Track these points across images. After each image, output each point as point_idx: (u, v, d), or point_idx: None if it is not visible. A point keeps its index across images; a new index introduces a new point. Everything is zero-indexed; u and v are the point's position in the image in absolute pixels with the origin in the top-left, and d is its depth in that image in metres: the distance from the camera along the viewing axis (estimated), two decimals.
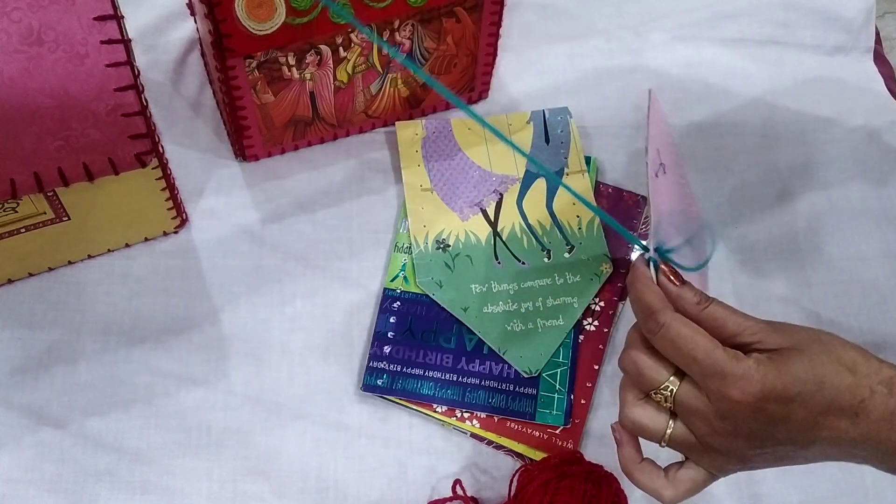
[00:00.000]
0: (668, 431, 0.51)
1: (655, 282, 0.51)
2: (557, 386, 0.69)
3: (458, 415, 0.69)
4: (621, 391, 0.53)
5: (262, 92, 0.72)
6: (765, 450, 0.49)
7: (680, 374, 0.50)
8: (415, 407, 0.69)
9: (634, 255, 0.53)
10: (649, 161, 0.56)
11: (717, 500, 0.67)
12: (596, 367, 0.71)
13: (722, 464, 0.51)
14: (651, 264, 0.52)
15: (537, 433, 0.68)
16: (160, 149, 0.67)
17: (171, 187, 0.70)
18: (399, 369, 0.69)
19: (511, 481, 0.65)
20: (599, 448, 0.69)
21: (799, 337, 0.49)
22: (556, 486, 0.61)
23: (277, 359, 0.71)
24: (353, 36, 0.70)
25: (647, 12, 0.89)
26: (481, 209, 0.76)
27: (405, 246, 0.75)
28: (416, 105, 0.81)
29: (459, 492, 0.65)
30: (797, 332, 0.50)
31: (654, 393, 0.50)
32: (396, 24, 0.71)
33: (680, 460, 0.53)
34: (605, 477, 0.63)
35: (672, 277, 0.51)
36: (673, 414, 0.51)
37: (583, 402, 0.69)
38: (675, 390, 0.50)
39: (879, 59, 0.90)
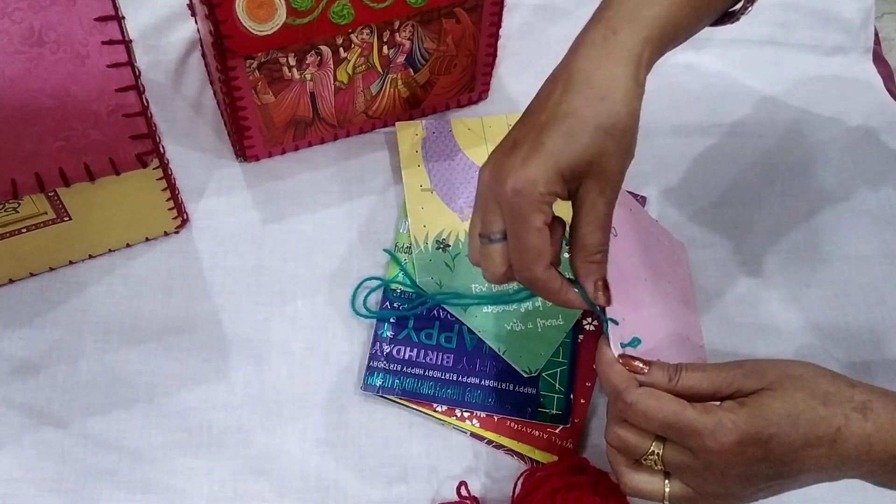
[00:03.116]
0: (667, 490, 0.53)
1: (616, 356, 0.55)
2: (557, 385, 0.70)
3: (458, 414, 0.69)
4: (613, 463, 0.56)
5: (263, 92, 0.72)
6: (758, 486, 0.52)
7: (662, 437, 0.53)
8: (415, 407, 0.69)
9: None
10: None
11: None
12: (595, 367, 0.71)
13: (725, 503, 0.54)
14: (605, 328, 0.55)
15: (537, 433, 0.68)
16: (161, 149, 0.67)
17: (171, 187, 0.70)
18: (399, 369, 0.70)
19: (515, 483, 0.65)
20: (599, 448, 0.69)
21: (771, 376, 0.52)
22: (563, 496, 0.61)
23: (277, 359, 0.71)
24: (353, 37, 0.70)
25: None
26: None
27: (405, 246, 0.75)
28: (416, 105, 0.81)
29: (464, 493, 0.65)
30: (769, 370, 0.52)
31: (644, 459, 0.53)
32: (396, 24, 0.71)
33: None
34: (612, 488, 0.62)
35: (638, 366, 0.54)
36: (667, 473, 0.54)
37: (582, 401, 0.69)
38: (661, 454, 0.53)
39: (878, 59, 0.90)
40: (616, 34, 0.52)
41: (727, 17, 0.61)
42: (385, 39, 0.72)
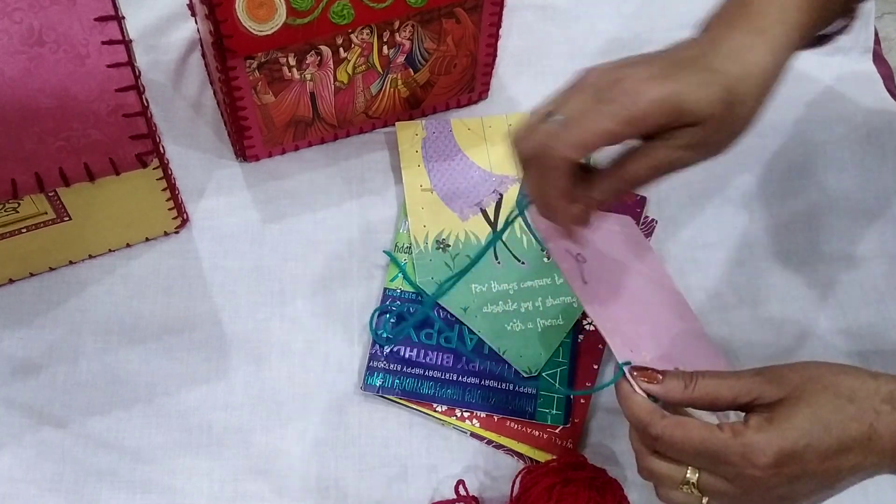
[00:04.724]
0: None
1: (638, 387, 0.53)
2: (557, 385, 0.70)
3: (458, 414, 0.69)
4: (653, 479, 0.54)
5: (263, 92, 0.72)
6: (801, 502, 0.51)
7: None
8: (415, 407, 0.69)
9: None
10: (560, 265, 0.59)
11: None
12: (595, 367, 0.71)
13: None
14: (621, 372, 0.54)
15: (537, 433, 0.68)
16: (161, 149, 0.67)
17: (171, 187, 0.70)
18: (399, 369, 0.70)
19: (513, 482, 0.65)
20: (599, 448, 0.69)
21: (793, 382, 0.50)
22: (560, 491, 0.61)
23: (277, 359, 0.71)
24: (353, 37, 0.70)
25: (646, 13, 0.89)
26: (481, 209, 0.77)
27: (405, 246, 0.75)
28: (416, 106, 0.81)
29: (462, 492, 0.65)
30: (790, 376, 0.50)
31: (680, 488, 0.52)
32: (396, 24, 0.71)
33: None
34: (609, 483, 0.63)
35: (650, 380, 0.53)
36: None
37: (582, 401, 0.69)
38: (696, 481, 0.51)
39: (878, 59, 0.90)
40: (766, 33, 0.52)
41: (821, 39, 0.60)
42: (385, 39, 0.72)
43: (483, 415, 0.69)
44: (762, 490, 0.49)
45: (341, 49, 0.71)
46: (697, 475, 0.51)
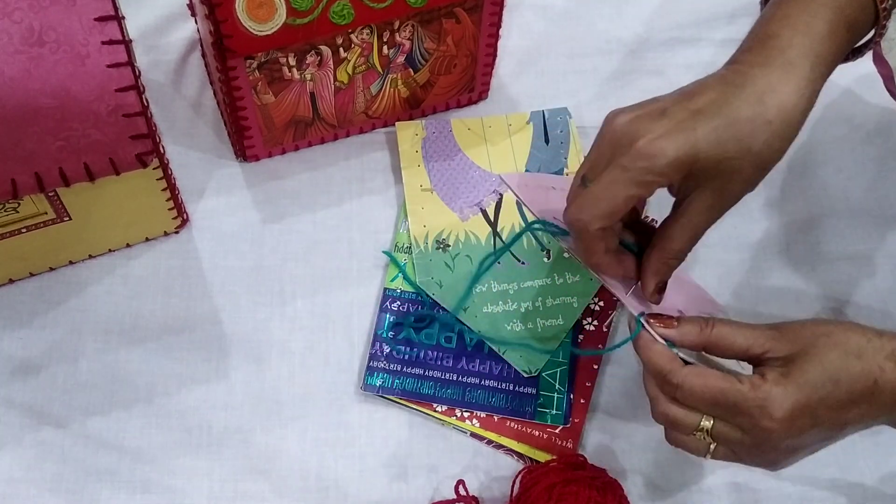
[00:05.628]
0: (709, 455, 0.54)
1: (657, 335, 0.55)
2: (557, 385, 0.70)
3: (458, 414, 0.69)
4: (667, 423, 0.55)
5: (263, 92, 0.72)
6: (804, 451, 0.53)
7: None
8: (415, 406, 0.69)
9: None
10: (562, 244, 0.61)
11: (716, 499, 0.67)
12: (595, 367, 0.71)
13: (767, 467, 0.54)
14: (638, 328, 0.55)
15: (537, 433, 0.68)
16: (161, 149, 0.67)
17: (171, 187, 0.70)
18: (399, 369, 0.70)
19: (513, 482, 0.65)
20: (599, 448, 0.69)
21: (804, 338, 0.52)
22: (560, 490, 0.61)
23: (277, 359, 0.71)
24: (353, 36, 0.70)
25: (646, 12, 0.89)
26: (481, 209, 0.77)
27: (405, 246, 0.75)
28: (416, 105, 0.81)
29: (462, 492, 0.65)
30: (801, 332, 0.52)
31: (693, 433, 0.53)
32: (396, 24, 0.71)
33: None
34: (609, 484, 0.63)
35: (667, 325, 0.55)
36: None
37: (582, 401, 0.69)
38: (710, 428, 0.53)
39: (878, 59, 0.90)
40: (794, 67, 0.52)
41: (855, 52, 0.60)
42: (385, 39, 0.72)
43: (483, 415, 0.69)
44: (773, 441, 0.51)
45: (341, 49, 0.71)
46: (712, 423, 0.52)
